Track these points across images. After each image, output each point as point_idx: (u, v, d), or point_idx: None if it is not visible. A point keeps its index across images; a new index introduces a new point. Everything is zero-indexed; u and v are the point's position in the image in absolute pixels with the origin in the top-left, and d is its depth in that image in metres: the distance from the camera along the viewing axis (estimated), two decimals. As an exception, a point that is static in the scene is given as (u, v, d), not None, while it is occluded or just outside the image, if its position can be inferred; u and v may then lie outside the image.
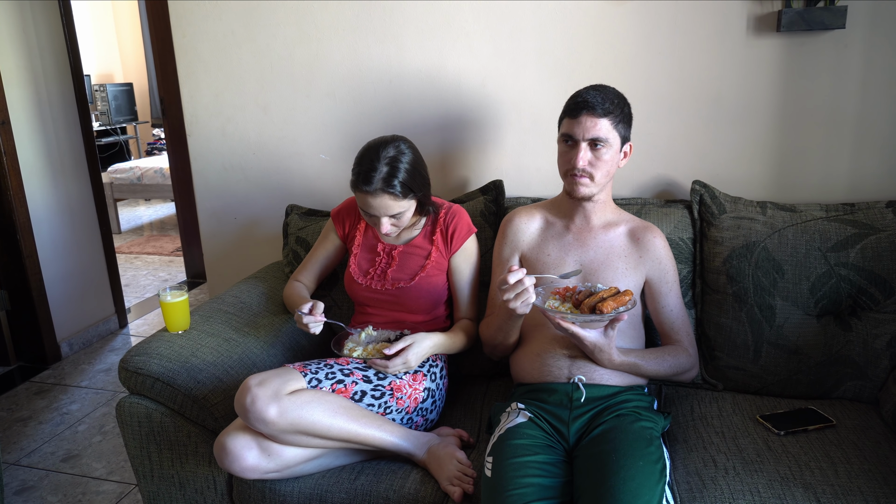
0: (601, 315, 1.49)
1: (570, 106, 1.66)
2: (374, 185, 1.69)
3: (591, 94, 1.63)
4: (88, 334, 3.58)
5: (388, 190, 1.70)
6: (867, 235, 1.80)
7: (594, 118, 1.61)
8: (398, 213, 1.75)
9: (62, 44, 3.38)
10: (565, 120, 1.68)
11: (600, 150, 1.63)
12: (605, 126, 1.62)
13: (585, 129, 1.62)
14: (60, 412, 2.88)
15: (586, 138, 1.62)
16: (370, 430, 1.56)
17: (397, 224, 1.79)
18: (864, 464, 1.49)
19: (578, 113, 1.63)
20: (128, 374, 1.70)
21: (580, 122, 1.62)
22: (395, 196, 1.71)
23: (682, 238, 1.94)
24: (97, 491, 2.33)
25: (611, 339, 1.56)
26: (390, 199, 1.71)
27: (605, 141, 1.62)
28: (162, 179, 5.88)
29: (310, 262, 2.05)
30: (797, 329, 1.81)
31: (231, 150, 2.54)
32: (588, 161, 1.64)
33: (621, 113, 1.65)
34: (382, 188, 1.69)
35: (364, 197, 1.72)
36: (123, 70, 8.02)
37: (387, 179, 1.69)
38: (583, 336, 1.54)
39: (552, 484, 1.40)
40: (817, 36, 1.95)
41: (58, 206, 3.38)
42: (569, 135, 1.65)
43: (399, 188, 1.70)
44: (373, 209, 1.74)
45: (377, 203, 1.72)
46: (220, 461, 1.52)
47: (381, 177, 1.69)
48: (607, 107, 1.62)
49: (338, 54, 2.33)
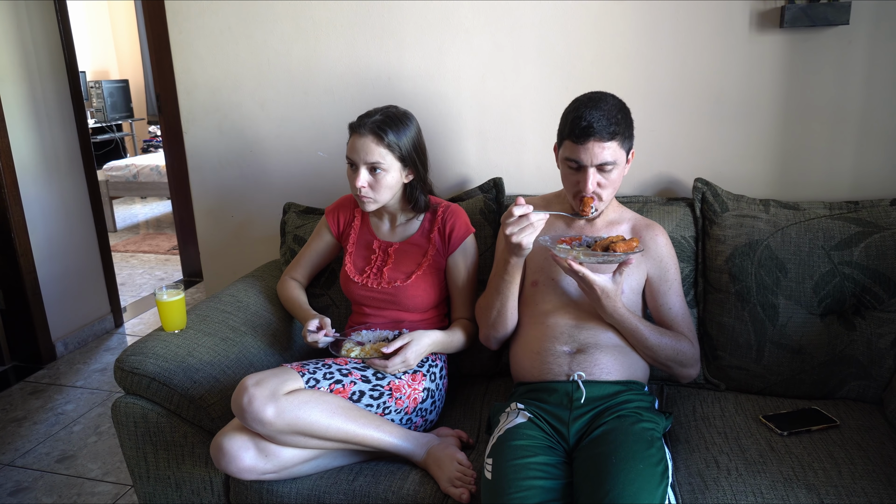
0: (614, 254, 1.49)
1: (574, 130, 1.58)
2: (364, 126, 1.74)
3: (594, 115, 1.55)
4: (84, 333, 3.57)
5: (376, 132, 1.73)
6: (871, 234, 1.79)
7: (602, 143, 1.56)
8: (377, 162, 1.74)
9: (57, 40, 3.37)
10: (568, 143, 1.61)
11: (610, 172, 1.60)
12: (612, 148, 1.58)
13: (593, 156, 1.57)
14: (55, 412, 2.88)
15: (594, 164, 1.59)
16: (369, 431, 1.56)
17: (374, 185, 1.77)
18: (868, 465, 1.49)
19: (585, 140, 1.56)
20: (123, 374, 1.70)
21: (587, 149, 1.57)
22: (379, 139, 1.73)
23: (684, 236, 1.94)
24: (92, 492, 2.33)
25: (618, 284, 1.56)
26: (374, 142, 1.73)
27: (614, 163, 1.59)
28: (158, 177, 5.88)
29: (303, 259, 2.06)
30: (800, 328, 1.81)
31: (228, 147, 2.53)
32: (598, 184, 1.62)
33: (626, 128, 1.61)
34: (371, 129, 1.73)
35: (353, 140, 1.77)
36: (119, 66, 8.01)
37: (378, 124, 1.74)
38: (592, 279, 1.53)
39: (554, 486, 1.39)
40: (821, 32, 1.95)
41: (53, 204, 3.38)
42: (574, 160, 1.61)
43: (388, 135, 1.73)
44: (355, 152, 1.76)
45: (361, 144, 1.74)
46: (217, 462, 1.52)
47: (373, 120, 1.75)
48: (613, 129, 1.56)
49: (336, 51, 2.33)
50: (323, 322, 1.77)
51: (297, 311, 1.97)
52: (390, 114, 1.78)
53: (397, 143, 1.74)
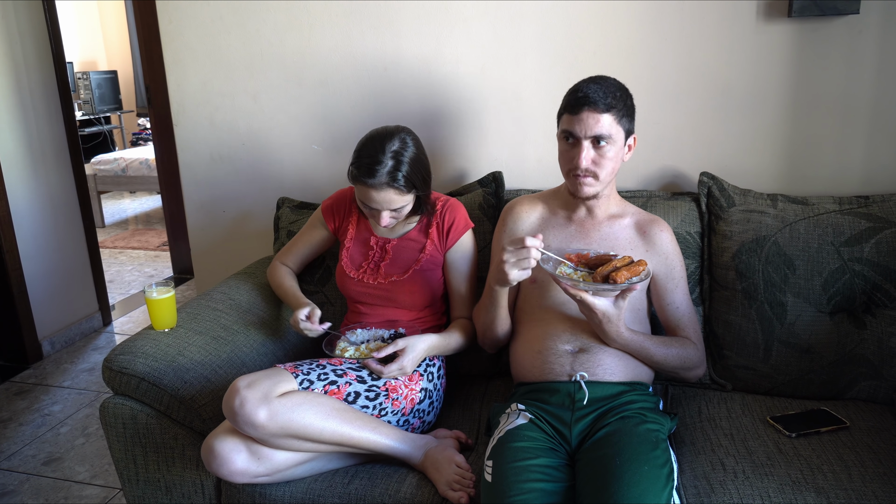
0: (614, 285, 1.48)
1: (570, 101, 1.63)
2: (377, 178, 1.68)
3: (591, 87, 1.59)
4: (71, 332, 3.56)
5: (393, 185, 1.69)
6: (882, 229, 1.79)
7: (596, 114, 1.58)
8: (400, 206, 1.75)
9: (43, 29, 3.35)
10: (565, 116, 1.65)
11: (604, 147, 1.61)
12: (607, 122, 1.59)
13: (587, 127, 1.59)
14: (42, 413, 2.87)
15: (588, 136, 1.60)
16: (364, 433, 1.55)
17: (397, 216, 1.79)
18: (879, 467, 1.49)
19: (579, 109, 1.59)
20: (112, 374, 1.69)
21: (581, 119, 1.59)
22: (399, 191, 1.71)
23: (690, 232, 1.93)
24: (80, 495, 2.32)
25: (621, 309, 1.55)
26: (394, 194, 1.72)
27: (609, 137, 1.60)
28: (147, 171, 5.87)
29: (295, 248, 2.06)
30: (809, 327, 1.80)
31: (220, 140, 2.52)
32: (591, 160, 1.62)
33: (624, 106, 1.62)
34: (387, 182, 1.69)
35: (366, 191, 1.72)
36: (107, 57, 7.99)
37: (392, 174, 1.69)
38: (592, 304, 1.52)
39: (555, 489, 1.39)
40: (830, 21, 1.94)
41: (39, 199, 3.36)
42: (569, 132, 1.63)
43: (403, 183, 1.70)
44: (375, 203, 1.73)
45: (380, 197, 1.72)
46: (208, 465, 1.51)
47: (387, 170, 1.68)
48: (609, 101, 1.59)
49: (330, 41, 2.32)
50: (313, 313, 1.77)
51: (288, 297, 1.96)
52: (395, 152, 1.70)
53: (412, 181, 1.73)
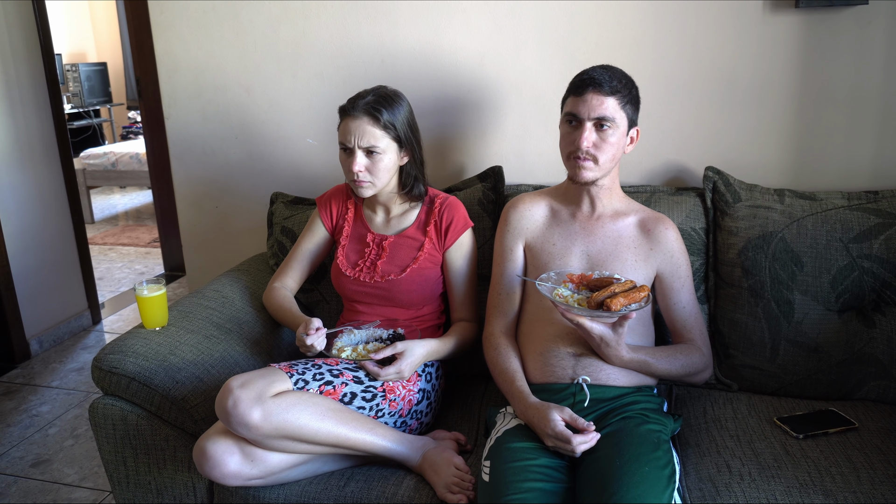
0: (609, 312, 1.48)
1: (575, 83, 1.66)
2: (357, 107, 1.76)
3: (597, 71, 1.64)
4: (59, 331, 3.55)
5: (370, 112, 1.74)
6: (892, 225, 1.79)
7: (600, 96, 1.61)
8: (374, 146, 1.75)
9: (31, 20, 3.34)
10: (570, 98, 1.68)
11: (606, 131, 1.62)
12: (611, 105, 1.61)
13: (591, 108, 1.61)
14: (30, 414, 2.87)
15: (591, 118, 1.62)
16: (361, 435, 1.55)
17: (371, 168, 1.77)
18: (888, 469, 1.48)
19: (584, 90, 1.62)
20: (102, 374, 1.69)
21: (585, 101, 1.62)
22: (374, 120, 1.74)
23: (695, 228, 1.93)
24: (69, 498, 2.32)
25: (619, 334, 1.54)
26: (370, 125, 1.74)
27: (612, 121, 1.61)
28: (138, 165, 5.86)
29: (294, 260, 1.99)
30: (817, 325, 1.80)
31: (212, 134, 2.51)
32: (592, 142, 1.63)
33: (629, 94, 1.65)
34: (365, 111, 1.74)
35: (346, 123, 1.77)
36: (97, 49, 7.97)
37: (372, 104, 1.75)
38: (589, 328, 1.52)
39: (554, 489, 1.39)
40: (838, 12, 1.94)
41: (27, 195, 3.35)
42: (573, 114, 1.64)
43: (383, 115, 1.75)
44: (350, 135, 1.76)
45: (355, 126, 1.75)
46: (200, 467, 1.51)
47: (366, 101, 1.76)
48: (615, 85, 1.61)
49: (326, 32, 2.31)
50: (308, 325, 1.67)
51: (288, 320, 1.88)
52: (382, 93, 1.79)
53: (392, 122, 1.76)
